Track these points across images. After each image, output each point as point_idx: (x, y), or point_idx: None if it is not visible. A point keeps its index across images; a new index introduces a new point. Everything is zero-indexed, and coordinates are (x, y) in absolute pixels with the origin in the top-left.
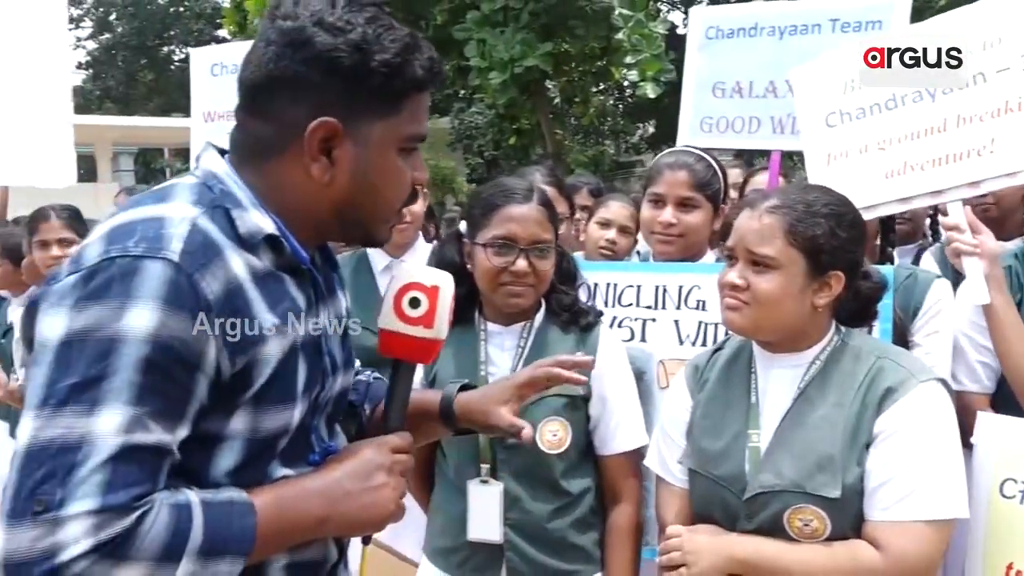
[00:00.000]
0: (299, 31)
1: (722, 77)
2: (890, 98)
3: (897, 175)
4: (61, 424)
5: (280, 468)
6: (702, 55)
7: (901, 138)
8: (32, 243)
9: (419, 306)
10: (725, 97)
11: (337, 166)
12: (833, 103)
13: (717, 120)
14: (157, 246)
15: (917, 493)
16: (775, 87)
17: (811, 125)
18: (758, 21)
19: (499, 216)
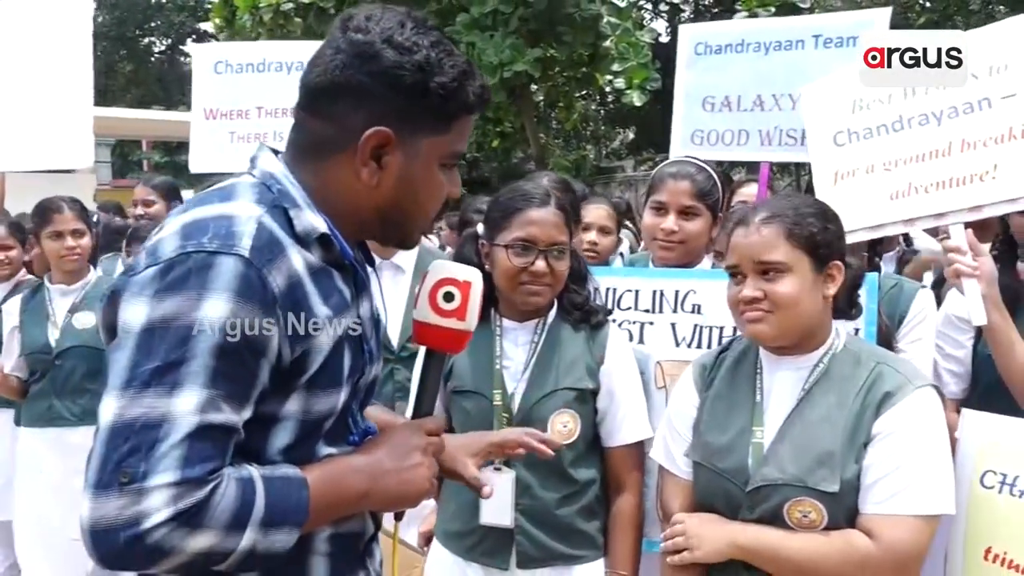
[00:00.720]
0: (369, 45)
1: (711, 91)
2: (896, 120)
3: (902, 196)
4: (144, 404)
5: (325, 447)
6: (691, 71)
7: (907, 160)
8: (43, 234)
9: (453, 300)
10: (714, 111)
11: (385, 172)
12: (841, 122)
13: (707, 133)
14: (230, 242)
15: (909, 489)
16: (762, 100)
17: (819, 142)
18: (744, 37)
19: (519, 219)
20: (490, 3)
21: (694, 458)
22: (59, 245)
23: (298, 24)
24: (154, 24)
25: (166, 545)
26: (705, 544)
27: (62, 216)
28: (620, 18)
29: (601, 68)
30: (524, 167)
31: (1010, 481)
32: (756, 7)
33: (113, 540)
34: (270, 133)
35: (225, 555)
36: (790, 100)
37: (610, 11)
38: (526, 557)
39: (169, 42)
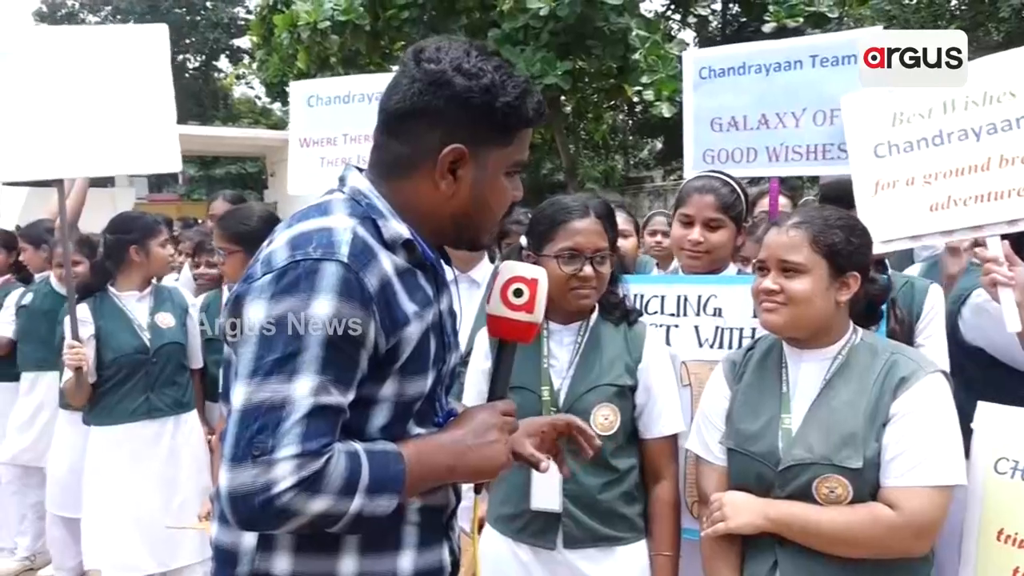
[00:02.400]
0: (441, 73)
1: (718, 112)
2: (936, 134)
3: (941, 208)
4: (268, 389)
5: (415, 427)
6: (698, 93)
7: (946, 173)
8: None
9: (522, 295)
10: (722, 131)
11: (460, 183)
12: (882, 134)
13: (718, 152)
14: (331, 251)
15: (925, 463)
16: (766, 119)
17: (860, 153)
18: (745, 60)
19: (565, 231)
20: (521, 18)
21: (728, 445)
22: (168, 252)
23: (335, 41)
24: (188, 41)
25: (292, 507)
26: (740, 516)
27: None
28: (649, 31)
29: (630, 80)
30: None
31: (1022, 467)
32: (785, 18)
33: (250, 504)
34: (354, 157)
35: (339, 517)
36: (793, 118)
37: (639, 24)
38: (572, 538)
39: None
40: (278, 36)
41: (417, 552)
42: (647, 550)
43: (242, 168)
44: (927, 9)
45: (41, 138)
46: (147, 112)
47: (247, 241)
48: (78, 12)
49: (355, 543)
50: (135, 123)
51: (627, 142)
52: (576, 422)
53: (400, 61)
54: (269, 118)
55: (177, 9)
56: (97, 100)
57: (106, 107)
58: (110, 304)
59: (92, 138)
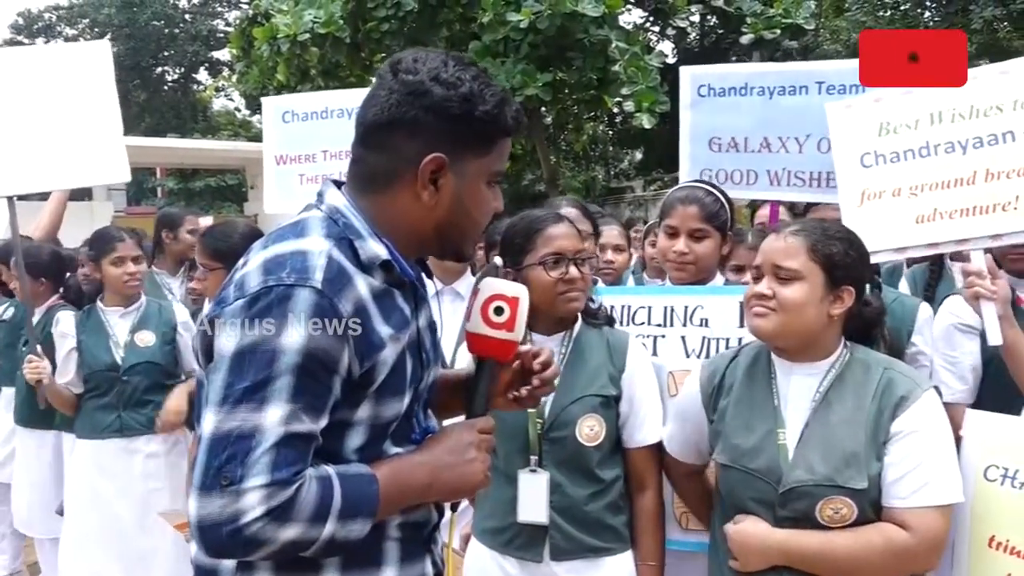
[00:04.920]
0: (419, 84)
1: (717, 132)
2: (923, 145)
3: (927, 221)
4: (238, 418)
5: (392, 446)
6: (695, 111)
7: (932, 186)
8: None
9: (502, 313)
10: (721, 151)
11: (441, 193)
12: (869, 144)
13: (716, 172)
14: (304, 276)
15: (932, 483)
16: (768, 143)
17: (846, 163)
18: (747, 81)
19: (543, 238)
20: (502, 31)
21: (722, 460)
22: (121, 271)
23: (315, 54)
24: (167, 53)
25: (261, 536)
26: (751, 557)
27: (124, 244)
28: (629, 43)
29: (610, 91)
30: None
31: (1011, 474)
32: (762, 30)
33: (217, 533)
34: (335, 173)
35: (310, 543)
36: (796, 143)
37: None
38: (559, 550)
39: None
40: (258, 48)
41: (399, 567)
42: (633, 560)
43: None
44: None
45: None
46: (93, 126)
47: (228, 258)
48: (55, 25)
49: (337, 561)
50: (81, 137)
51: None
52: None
53: (377, 74)
54: (249, 130)
55: (156, 22)
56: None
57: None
58: (95, 319)
59: (39, 154)
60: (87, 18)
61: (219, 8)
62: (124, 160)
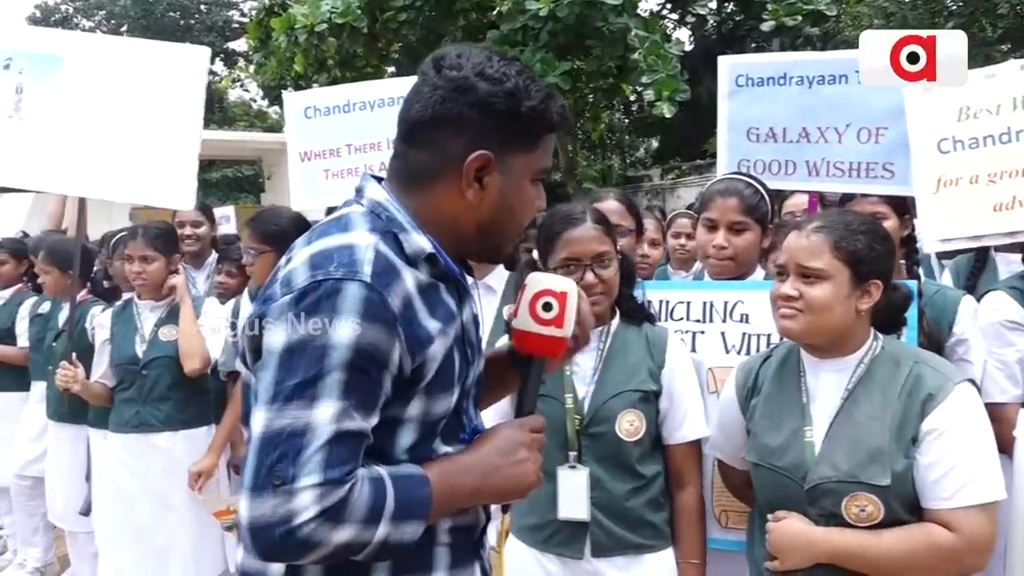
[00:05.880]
0: (464, 80)
1: (755, 122)
2: (1004, 131)
3: (1005, 209)
4: (289, 416)
5: (441, 445)
6: (733, 101)
7: (1012, 173)
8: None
9: (551, 310)
10: (759, 141)
11: (486, 191)
12: (947, 129)
13: (754, 163)
14: (353, 270)
15: (974, 481)
16: (807, 133)
17: (922, 148)
18: (787, 71)
19: (561, 241)
20: (520, 19)
21: (751, 459)
22: (128, 268)
23: (332, 44)
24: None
25: (314, 538)
26: (791, 558)
27: (134, 243)
28: (648, 31)
29: (629, 80)
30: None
31: None
32: (783, 16)
33: (269, 535)
34: (361, 167)
35: (363, 546)
36: (836, 133)
37: (637, 24)
38: (600, 546)
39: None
40: (275, 39)
41: (449, 573)
42: (674, 558)
43: (238, 172)
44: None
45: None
46: (172, 142)
47: (277, 241)
48: (72, 16)
49: (386, 565)
50: (157, 151)
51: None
52: None
53: (419, 70)
54: (264, 121)
55: (172, 13)
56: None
57: (132, 128)
58: (128, 312)
59: (112, 158)
60: (103, 9)
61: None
62: (192, 187)
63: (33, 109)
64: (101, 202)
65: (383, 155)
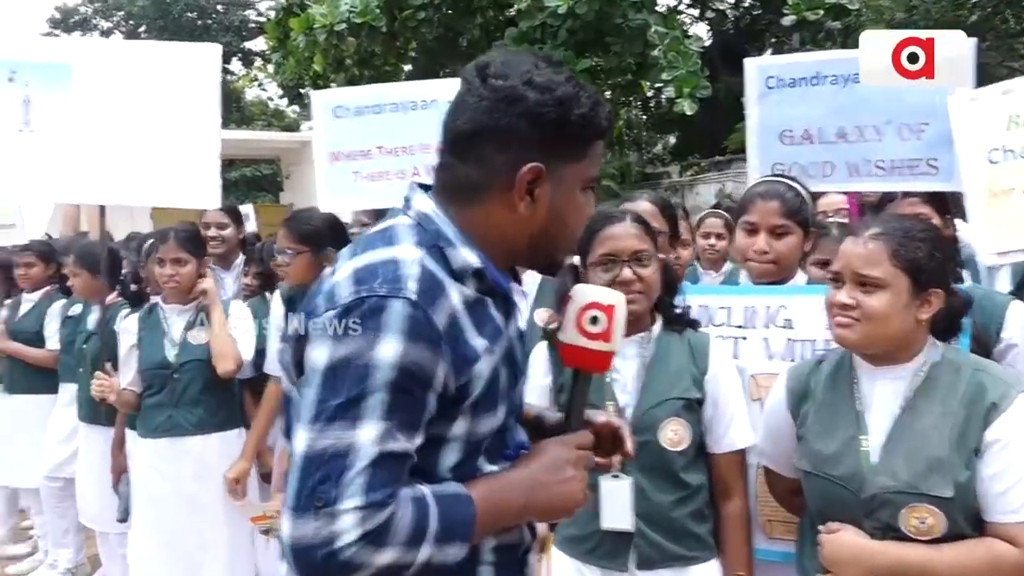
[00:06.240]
0: (512, 90)
1: (788, 124)
2: None
3: None
4: (331, 436)
5: (486, 463)
6: (764, 104)
7: None
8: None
9: (598, 323)
10: (794, 144)
11: (537, 203)
12: (996, 139)
13: (789, 166)
14: (397, 287)
15: None
16: (845, 132)
17: (972, 159)
18: (820, 70)
19: (599, 238)
20: (539, 16)
21: (803, 467)
22: (160, 271)
23: (351, 43)
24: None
25: (356, 561)
26: (845, 571)
27: (166, 246)
28: (667, 27)
29: (649, 77)
30: None
31: None
32: (805, 11)
33: (311, 557)
34: (391, 171)
35: (406, 567)
36: (875, 131)
37: (657, 20)
38: (645, 558)
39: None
40: (294, 39)
41: None
42: (720, 569)
43: (256, 171)
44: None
45: (84, 159)
46: (191, 142)
47: (313, 240)
48: (91, 18)
49: None
50: (177, 153)
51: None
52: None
53: (461, 78)
54: (282, 120)
55: (189, 13)
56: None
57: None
58: (155, 316)
59: (132, 164)
60: (122, 11)
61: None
62: (217, 186)
63: (45, 120)
64: None
65: (415, 159)
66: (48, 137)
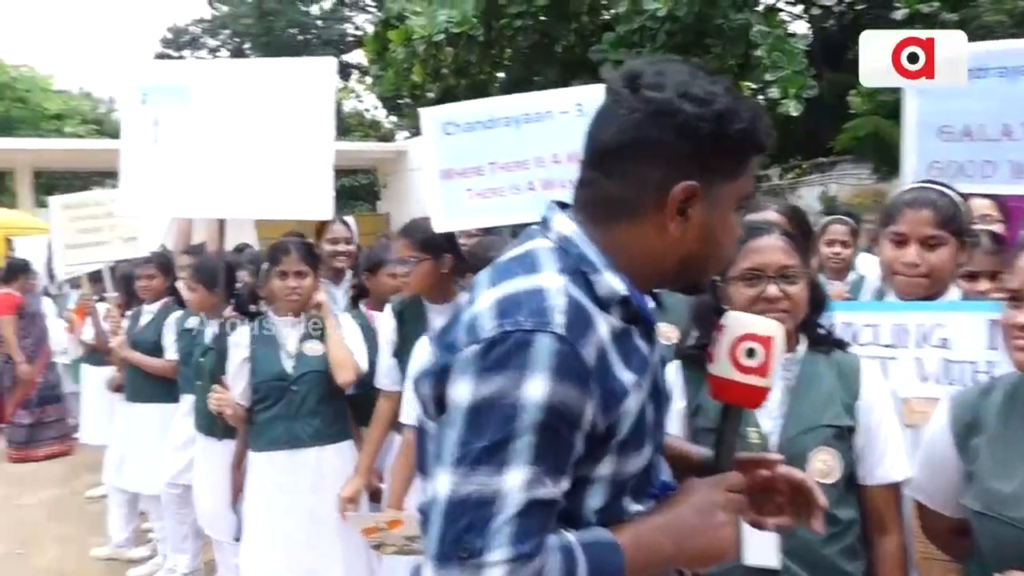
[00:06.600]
0: (668, 103)
1: (947, 119)
2: None
3: None
4: (476, 481)
5: (632, 503)
6: (923, 98)
7: None
8: (272, 272)
9: (754, 356)
10: (953, 141)
11: (690, 223)
12: None
13: (946, 164)
14: (544, 320)
15: None
16: (1010, 129)
17: None
18: (985, 62)
19: (743, 251)
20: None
21: (974, 507)
22: (283, 284)
23: (449, 53)
24: None
25: None
26: None
27: (289, 258)
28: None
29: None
30: None
31: None
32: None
33: None
34: (505, 187)
35: None
36: None
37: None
38: None
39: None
40: (393, 51)
41: None
42: None
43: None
44: None
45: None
46: (307, 155)
47: (435, 249)
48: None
49: None
50: (291, 165)
51: None
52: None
53: (606, 88)
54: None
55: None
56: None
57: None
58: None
59: (247, 177)
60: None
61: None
62: (330, 197)
63: (168, 139)
64: None
65: (530, 174)
66: (172, 154)
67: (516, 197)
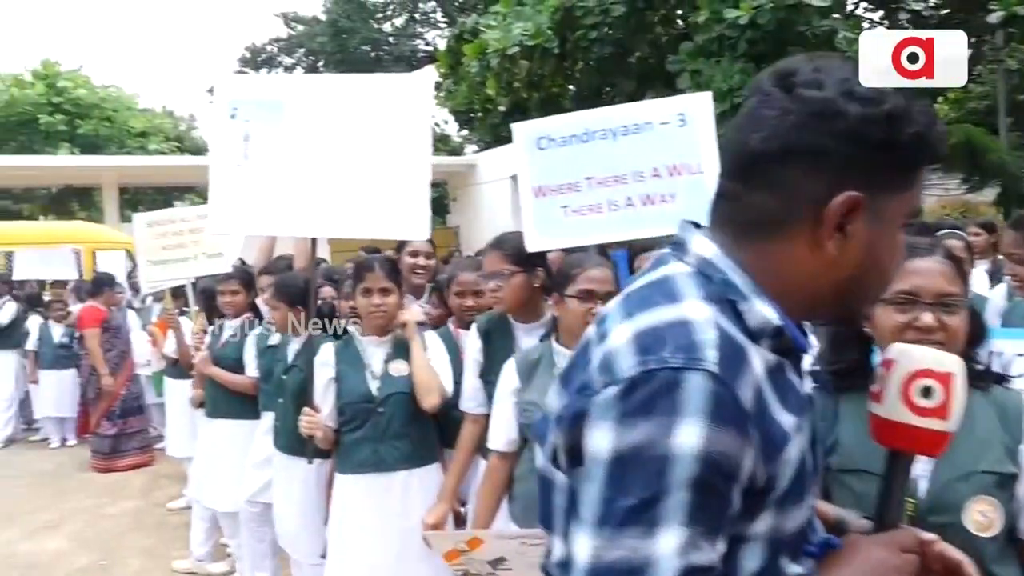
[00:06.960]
0: (830, 102)
1: None
2: None
3: None
4: (624, 546)
5: (790, 564)
6: None
7: None
8: (357, 290)
9: (932, 396)
10: None
11: (850, 242)
12: None
13: None
14: (695, 356)
15: None
16: None
17: None
18: None
19: (902, 272)
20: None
21: None
22: (367, 302)
23: (523, 66)
24: None
25: None
26: None
27: (373, 275)
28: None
29: None
30: None
31: None
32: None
33: None
34: (603, 203)
35: None
36: None
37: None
38: None
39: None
40: (466, 65)
41: None
42: None
43: None
44: None
45: (297, 192)
46: (403, 173)
47: (528, 262)
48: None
49: None
50: (391, 184)
51: None
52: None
53: (754, 87)
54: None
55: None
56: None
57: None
58: (352, 348)
59: (346, 196)
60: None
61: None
62: (427, 215)
63: (259, 155)
64: None
65: (629, 189)
66: (262, 171)
67: (614, 213)
